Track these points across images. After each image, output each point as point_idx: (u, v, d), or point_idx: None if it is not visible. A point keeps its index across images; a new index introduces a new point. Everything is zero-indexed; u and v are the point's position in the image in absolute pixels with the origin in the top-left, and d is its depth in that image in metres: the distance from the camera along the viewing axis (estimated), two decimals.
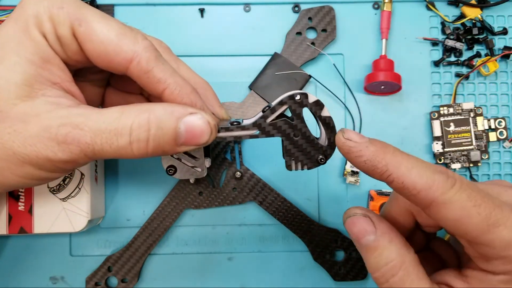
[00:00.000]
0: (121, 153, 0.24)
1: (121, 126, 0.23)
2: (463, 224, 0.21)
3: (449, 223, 0.21)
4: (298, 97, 0.26)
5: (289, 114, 0.27)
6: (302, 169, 0.28)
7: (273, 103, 0.27)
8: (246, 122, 0.27)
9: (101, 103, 0.31)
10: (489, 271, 0.22)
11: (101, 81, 0.30)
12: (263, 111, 0.27)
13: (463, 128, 0.39)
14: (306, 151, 0.27)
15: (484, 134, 0.40)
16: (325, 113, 0.27)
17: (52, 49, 0.24)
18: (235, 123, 0.27)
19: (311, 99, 0.26)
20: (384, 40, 0.40)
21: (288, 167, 0.28)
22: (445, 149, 0.39)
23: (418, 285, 0.22)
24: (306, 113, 0.27)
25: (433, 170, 0.21)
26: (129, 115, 0.24)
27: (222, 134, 0.27)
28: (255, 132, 0.27)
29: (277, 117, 0.27)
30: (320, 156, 0.27)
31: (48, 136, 0.23)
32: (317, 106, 0.27)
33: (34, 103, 0.23)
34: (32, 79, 0.23)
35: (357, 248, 0.24)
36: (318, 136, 0.28)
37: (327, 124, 0.27)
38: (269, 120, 0.27)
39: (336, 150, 0.26)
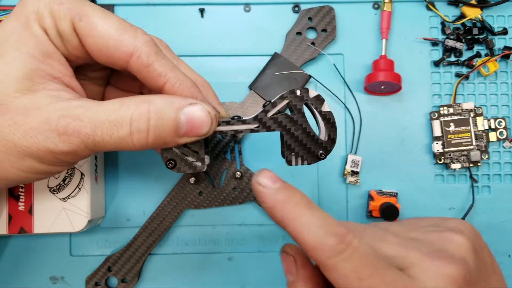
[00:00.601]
0: (122, 144, 0.24)
1: (121, 116, 0.24)
2: None
3: (334, 283, 0.21)
4: (299, 92, 0.27)
5: (289, 113, 0.27)
6: (302, 164, 0.28)
7: (274, 99, 0.27)
8: (246, 117, 0.27)
9: None
10: None
11: (101, 80, 0.31)
12: (264, 106, 0.27)
13: (463, 128, 0.39)
14: (307, 146, 0.27)
15: (484, 134, 0.39)
16: (325, 108, 0.27)
17: (53, 44, 0.25)
18: (235, 117, 0.27)
19: (312, 94, 0.27)
20: (384, 40, 0.40)
21: (289, 162, 0.28)
22: (445, 149, 0.39)
23: None
24: (306, 111, 0.27)
25: (327, 232, 0.21)
26: (129, 106, 0.24)
27: (222, 128, 0.27)
28: (256, 126, 0.27)
29: (278, 113, 0.27)
30: (321, 151, 0.27)
31: (49, 128, 0.23)
32: (318, 101, 0.27)
33: (34, 96, 0.24)
34: (33, 73, 0.24)
35: None
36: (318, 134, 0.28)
37: (327, 119, 0.27)
38: (270, 114, 0.27)
39: (336, 146, 0.26)
